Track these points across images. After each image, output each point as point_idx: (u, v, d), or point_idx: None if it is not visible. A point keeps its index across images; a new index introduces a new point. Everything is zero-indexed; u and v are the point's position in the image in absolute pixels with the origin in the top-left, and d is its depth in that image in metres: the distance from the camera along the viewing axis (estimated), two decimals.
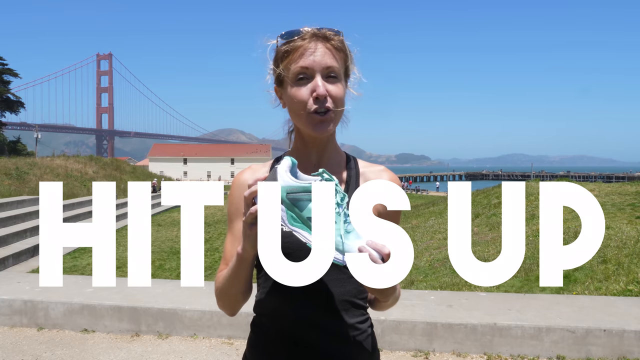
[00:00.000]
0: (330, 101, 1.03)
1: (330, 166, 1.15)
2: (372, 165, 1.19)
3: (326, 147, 1.14)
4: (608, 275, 6.01)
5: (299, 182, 0.89)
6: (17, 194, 16.62)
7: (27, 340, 3.87)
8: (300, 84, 1.03)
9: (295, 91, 1.04)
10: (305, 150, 1.14)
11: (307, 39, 1.03)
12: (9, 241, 9.78)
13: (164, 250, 11.90)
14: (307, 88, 1.03)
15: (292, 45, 1.04)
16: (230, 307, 1.13)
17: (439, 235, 12.11)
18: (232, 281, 1.06)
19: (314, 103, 1.02)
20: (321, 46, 1.03)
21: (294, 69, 1.03)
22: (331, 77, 1.04)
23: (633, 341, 3.43)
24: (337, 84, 1.04)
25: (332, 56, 1.04)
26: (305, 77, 1.03)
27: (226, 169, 77.17)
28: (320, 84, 1.02)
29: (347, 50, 1.08)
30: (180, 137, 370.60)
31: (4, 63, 46.80)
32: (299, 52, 1.03)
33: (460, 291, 5.92)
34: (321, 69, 1.02)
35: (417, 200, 31.51)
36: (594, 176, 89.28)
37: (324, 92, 1.01)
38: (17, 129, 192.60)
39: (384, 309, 1.15)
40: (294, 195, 0.89)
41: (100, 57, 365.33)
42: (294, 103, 1.05)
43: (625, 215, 9.30)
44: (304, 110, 1.04)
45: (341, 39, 1.07)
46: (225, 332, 3.87)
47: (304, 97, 1.03)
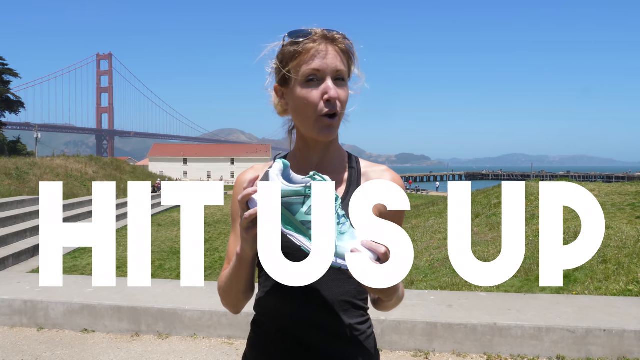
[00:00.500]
0: (339, 105, 1.03)
1: (331, 166, 1.15)
2: (374, 165, 1.19)
3: (328, 148, 1.14)
4: (608, 275, 6.01)
5: (291, 186, 0.89)
6: (17, 194, 16.63)
7: (27, 340, 3.87)
8: (311, 86, 1.03)
9: (306, 93, 1.03)
10: (307, 151, 1.14)
11: (317, 40, 1.03)
12: (9, 241, 9.78)
13: (164, 250, 11.90)
14: (318, 90, 1.02)
15: (302, 47, 1.03)
16: (234, 305, 1.15)
17: (439, 235, 12.11)
18: (233, 281, 1.07)
19: (325, 106, 1.02)
20: (331, 49, 1.03)
21: (304, 71, 1.02)
22: (339, 79, 1.04)
23: (633, 341, 3.43)
24: (344, 87, 1.05)
25: (340, 59, 1.04)
26: (316, 79, 1.03)
27: (226, 169, 77.17)
28: (332, 86, 1.02)
29: (352, 53, 1.08)
30: (180, 137, 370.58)
31: (4, 63, 46.80)
32: (310, 53, 1.02)
33: (460, 291, 5.92)
34: (332, 72, 1.02)
35: (417, 200, 31.51)
36: (594, 176, 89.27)
37: (336, 95, 1.02)
38: (17, 129, 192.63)
39: (389, 309, 1.15)
40: (286, 199, 0.89)
41: (100, 57, 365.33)
42: (304, 105, 1.04)
43: (625, 215, 9.30)
44: (314, 113, 1.03)
45: (349, 42, 1.07)
46: (225, 332, 3.87)
47: (315, 100, 1.02)
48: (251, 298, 1.16)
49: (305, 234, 0.90)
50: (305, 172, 1.15)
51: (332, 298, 1.07)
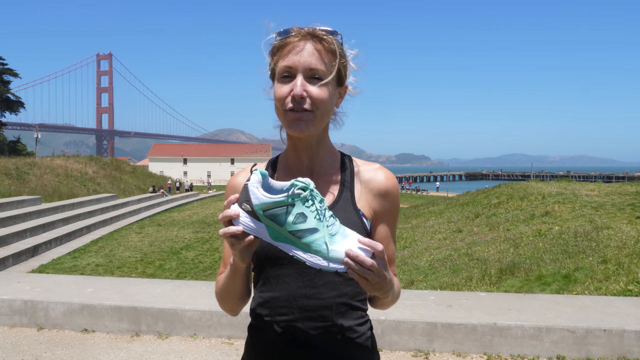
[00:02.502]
0: (309, 102, 1.02)
1: (323, 168, 1.15)
2: (367, 163, 1.19)
3: (317, 149, 1.13)
4: (608, 275, 6.01)
5: (272, 197, 0.87)
6: (17, 194, 16.63)
7: (27, 340, 3.87)
8: (283, 82, 1.04)
9: (278, 88, 1.04)
10: (296, 152, 1.14)
11: (299, 37, 1.03)
12: (9, 241, 9.79)
13: (164, 250, 11.89)
14: (287, 86, 1.03)
15: (283, 42, 1.04)
16: (231, 309, 1.17)
17: (439, 235, 12.10)
18: (229, 288, 1.09)
19: (290, 102, 1.02)
20: (310, 46, 1.02)
21: (280, 66, 1.04)
22: (315, 78, 1.03)
23: (633, 341, 3.43)
24: (320, 86, 1.03)
25: (319, 57, 1.02)
26: (289, 76, 1.03)
27: (226, 169, 77.14)
28: (299, 84, 1.01)
29: (338, 52, 1.05)
30: (180, 137, 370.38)
31: (4, 63, 46.82)
32: (287, 49, 1.03)
33: (460, 291, 5.92)
34: (304, 70, 1.02)
35: (417, 200, 31.50)
36: (594, 176, 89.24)
37: (300, 93, 1.01)
38: (17, 129, 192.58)
39: (386, 307, 1.15)
40: (270, 211, 0.87)
41: (100, 57, 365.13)
42: (275, 99, 1.06)
43: (625, 215, 9.29)
44: (282, 107, 1.04)
45: (333, 40, 1.05)
46: (225, 332, 3.87)
47: (283, 95, 1.03)
48: (248, 301, 1.16)
49: (296, 243, 0.89)
50: (296, 174, 1.14)
51: (330, 301, 1.07)
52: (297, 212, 0.87)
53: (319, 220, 0.87)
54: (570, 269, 6.62)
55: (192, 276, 9.11)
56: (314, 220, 0.87)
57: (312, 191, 0.88)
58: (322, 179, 1.14)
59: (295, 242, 0.88)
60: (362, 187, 1.13)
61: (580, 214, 9.69)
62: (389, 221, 1.14)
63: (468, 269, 7.97)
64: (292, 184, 0.88)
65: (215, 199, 34.16)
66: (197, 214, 21.38)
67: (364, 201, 1.12)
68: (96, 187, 24.48)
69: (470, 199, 17.06)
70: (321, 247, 0.87)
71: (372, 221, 1.13)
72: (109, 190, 24.69)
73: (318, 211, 0.88)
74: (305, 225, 0.87)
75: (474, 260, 8.48)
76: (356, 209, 1.10)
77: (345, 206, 1.09)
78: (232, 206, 0.91)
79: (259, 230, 0.89)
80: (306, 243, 0.88)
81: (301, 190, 0.87)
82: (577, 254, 7.15)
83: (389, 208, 1.14)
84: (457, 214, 14.87)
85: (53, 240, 10.94)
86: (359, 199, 1.12)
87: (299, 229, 0.87)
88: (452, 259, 8.99)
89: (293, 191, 0.87)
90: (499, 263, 7.77)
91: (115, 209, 18.12)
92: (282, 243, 0.90)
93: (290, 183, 0.88)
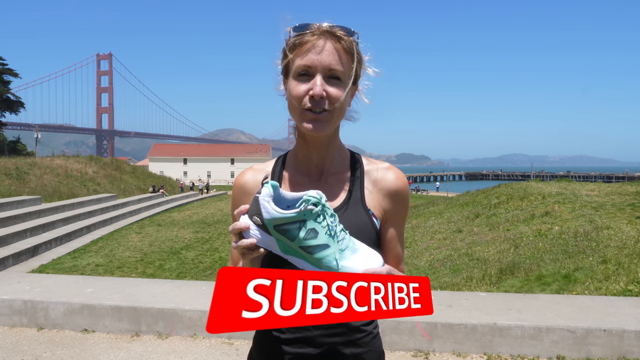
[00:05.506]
0: (328, 103, 1.01)
1: (333, 167, 1.14)
2: (377, 162, 1.17)
3: (328, 147, 1.13)
4: (608, 275, 6.01)
5: (283, 212, 0.86)
6: (17, 194, 16.63)
7: (27, 340, 3.87)
8: (301, 80, 1.02)
9: (295, 86, 1.02)
10: (307, 150, 1.13)
11: (317, 35, 1.01)
12: (9, 241, 9.78)
13: (164, 250, 11.89)
14: (306, 85, 1.01)
15: (301, 39, 1.02)
16: None
17: (438, 235, 12.10)
18: None
19: (309, 101, 1.01)
20: (329, 45, 1.01)
21: (297, 64, 1.02)
22: (333, 78, 1.01)
23: (633, 341, 3.42)
24: (338, 86, 1.02)
25: (337, 57, 1.01)
26: (307, 74, 1.01)
27: (226, 169, 77.13)
28: (318, 83, 0.99)
29: (355, 52, 1.04)
30: (180, 137, 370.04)
31: (4, 63, 46.78)
32: (306, 47, 1.01)
33: (460, 291, 5.91)
34: (323, 69, 1.00)
35: (417, 200, 31.49)
36: (594, 176, 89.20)
37: (320, 93, 0.99)
38: (17, 129, 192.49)
39: None
40: (281, 226, 0.87)
41: (100, 57, 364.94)
42: (292, 97, 1.04)
43: (625, 215, 9.29)
44: (299, 106, 1.02)
45: (351, 40, 1.03)
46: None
47: (300, 94, 1.01)
48: None
49: (307, 258, 0.88)
50: (306, 172, 1.14)
51: None
52: (308, 228, 0.86)
53: (329, 237, 0.87)
54: (570, 269, 6.62)
55: (192, 276, 9.10)
56: (325, 236, 0.87)
57: (324, 206, 0.88)
58: (331, 178, 1.13)
59: (306, 257, 0.88)
60: (372, 186, 1.12)
61: (580, 214, 9.69)
62: (399, 221, 1.14)
63: (468, 269, 7.97)
64: (303, 200, 0.87)
65: (215, 199, 34.15)
66: (197, 214, 21.37)
67: (374, 201, 1.11)
68: (96, 187, 24.47)
69: (470, 199, 17.05)
70: (332, 262, 0.87)
71: (382, 221, 1.12)
72: (109, 190, 24.69)
73: (329, 227, 0.87)
74: (316, 241, 0.87)
75: (474, 260, 8.48)
76: (366, 209, 1.09)
77: (355, 206, 1.09)
78: (241, 217, 0.90)
79: (270, 243, 0.89)
80: (317, 259, 0.87)
81: (313, 205, 0.86)
82: (577, 254, 7.15)
83: (399, 208, 1.13)
84: (457, 214, 14.87)
85: (53, 240, 10.94)
86: (369, 199, 1.11)
87: (310, 244, 0.87)
88: (452, 259, 8.99)
89: (305, 207, 0.86)
90: (499, 263, 7.77)
91: (115, 209, 18.12)
92: (292, 257, 0.90)
93: (302, 198, 0.87)
